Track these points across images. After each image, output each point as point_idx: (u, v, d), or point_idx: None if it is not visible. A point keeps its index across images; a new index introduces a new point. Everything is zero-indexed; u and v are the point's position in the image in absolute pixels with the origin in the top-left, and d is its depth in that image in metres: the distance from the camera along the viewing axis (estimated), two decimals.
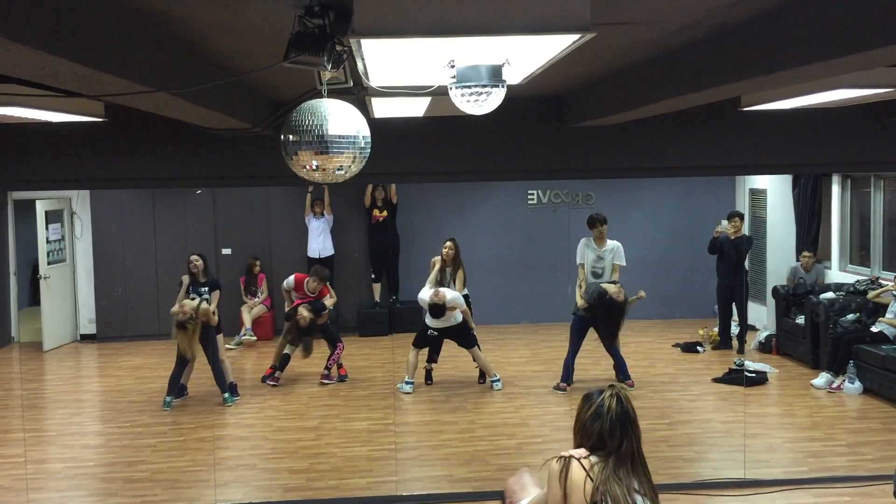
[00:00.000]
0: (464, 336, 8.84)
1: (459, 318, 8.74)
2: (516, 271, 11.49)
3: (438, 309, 8.53)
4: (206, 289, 8.62)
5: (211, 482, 6.46)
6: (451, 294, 8.67)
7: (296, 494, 6.34)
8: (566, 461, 2.80)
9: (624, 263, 8.82)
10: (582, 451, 2.83)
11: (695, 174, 8.40)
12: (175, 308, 8.23)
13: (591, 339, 8.60)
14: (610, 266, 8.85)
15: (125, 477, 6.74)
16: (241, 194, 11.49)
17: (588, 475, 2.75)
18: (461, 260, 9.14)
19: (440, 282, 8.90)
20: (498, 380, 8.90)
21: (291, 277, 9.37)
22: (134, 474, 6.79)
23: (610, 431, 2.78)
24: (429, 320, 8.74)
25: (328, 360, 9.20)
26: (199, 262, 8.74)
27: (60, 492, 6.55)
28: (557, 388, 8.68)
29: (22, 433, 7.51)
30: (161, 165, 5.87)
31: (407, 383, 8.85)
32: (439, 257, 9.06)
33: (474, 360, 9.00)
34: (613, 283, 8.47)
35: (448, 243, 9.07)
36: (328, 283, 9.46)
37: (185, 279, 8.78)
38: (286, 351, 9.13)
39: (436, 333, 8.77)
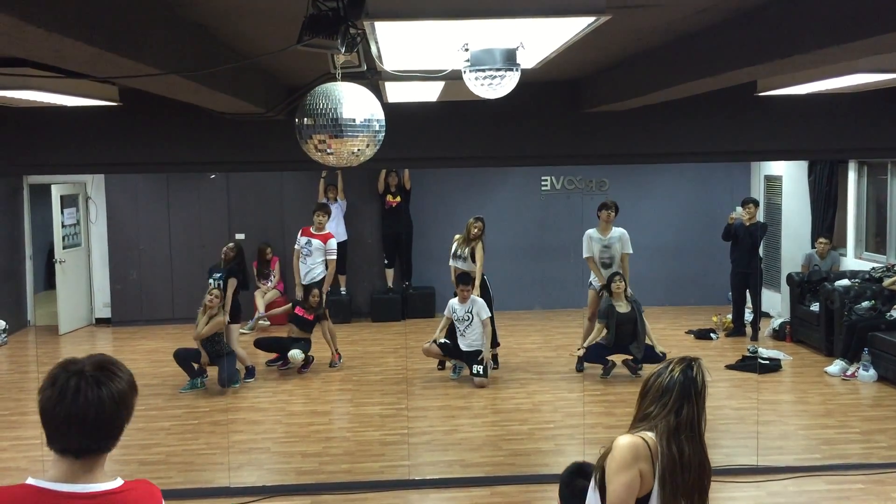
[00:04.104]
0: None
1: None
2: (529, 257, 11.46)
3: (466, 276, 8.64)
4: (220, 275, 8.72)
5: (225, 465, 6.51)
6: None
7: (308, 478, 6.39)
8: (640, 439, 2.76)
9: (631, 251, 8.76)
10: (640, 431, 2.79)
11: (710, 160, 8.34)
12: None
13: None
14: (618, 255, 8.81)
15: (140, 459, 6.80)
16: (254, 179, 11.50)
17: (650, 451, 2.76)
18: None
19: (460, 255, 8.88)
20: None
21: (299, 234, 9.61)
22: (148, 457, 6.85)
23: (672, 395, 2.84)
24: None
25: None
26: (231, 252, 9.02)
27: None
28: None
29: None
30: (175, 150, 5.88)
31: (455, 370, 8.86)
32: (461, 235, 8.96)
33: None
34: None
35: (479, 223, 9.01)
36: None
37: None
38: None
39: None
